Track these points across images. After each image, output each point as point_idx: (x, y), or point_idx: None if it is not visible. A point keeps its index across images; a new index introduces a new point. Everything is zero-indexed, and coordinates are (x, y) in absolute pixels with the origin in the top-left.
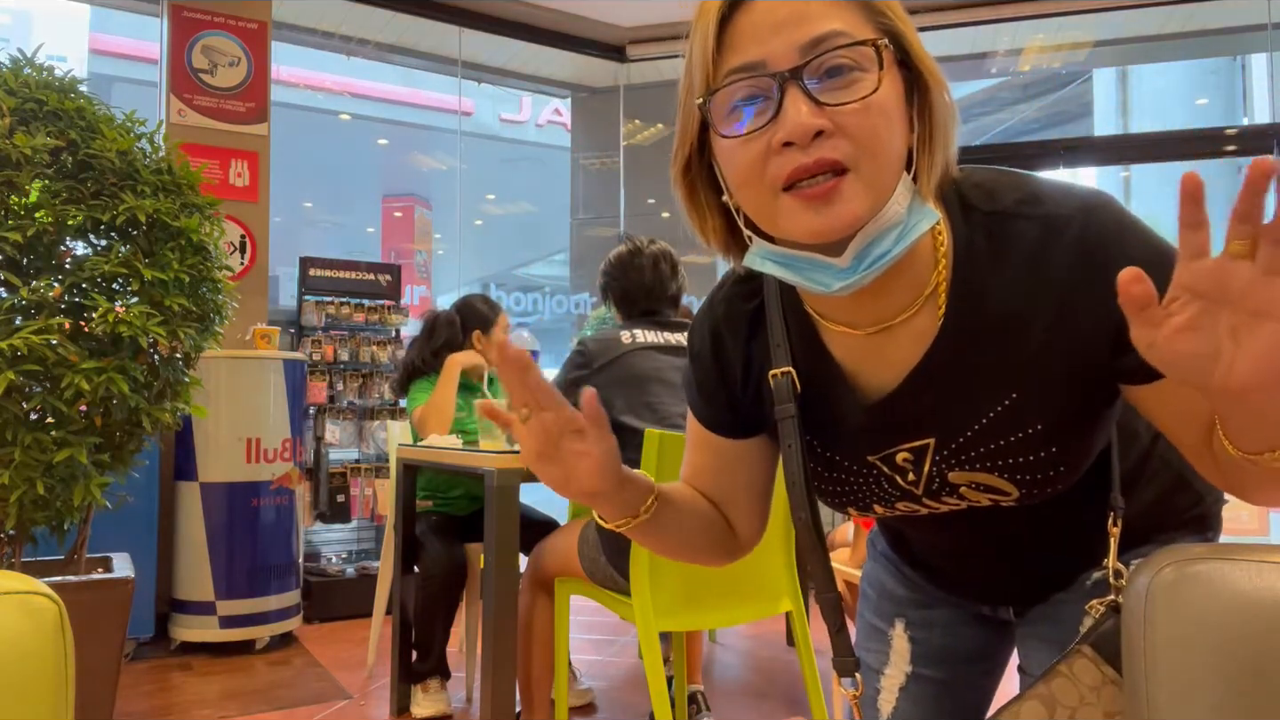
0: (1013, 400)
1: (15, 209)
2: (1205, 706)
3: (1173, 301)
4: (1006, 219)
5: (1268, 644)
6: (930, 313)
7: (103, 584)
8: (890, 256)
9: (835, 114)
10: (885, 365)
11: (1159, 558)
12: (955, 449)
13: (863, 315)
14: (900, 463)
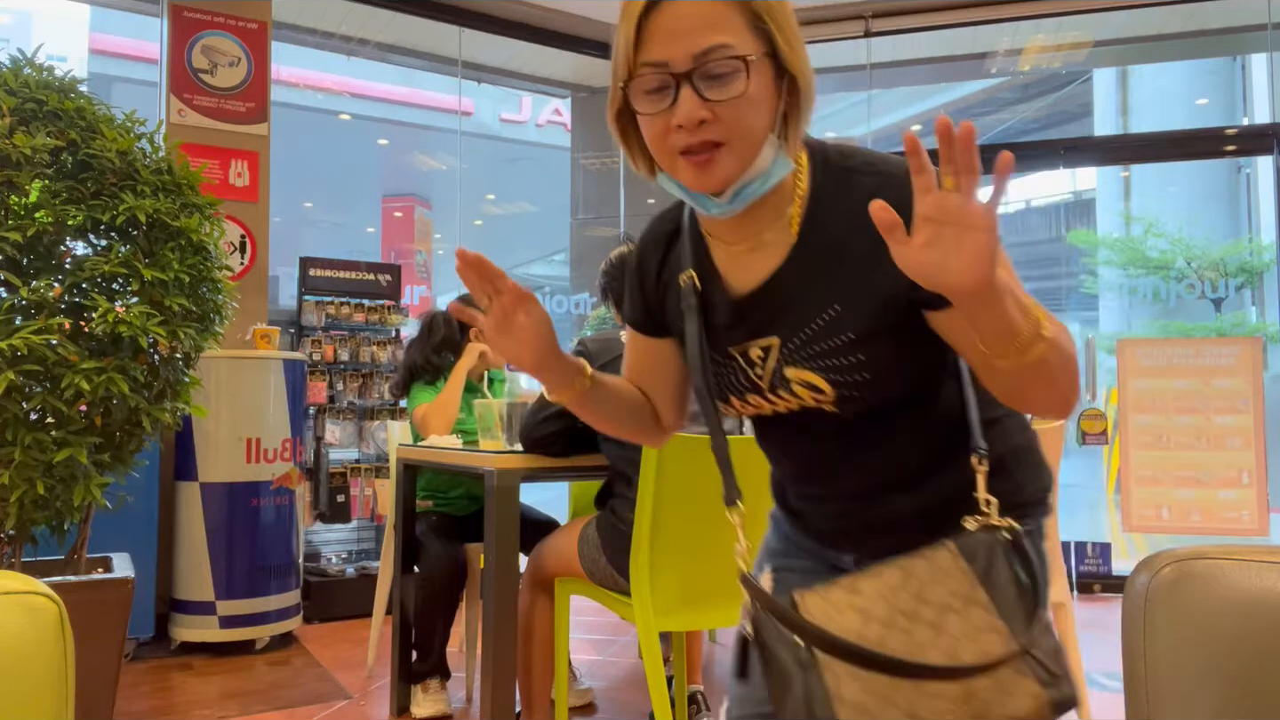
0: (836, 311)
1: (15, 209)
2: (1205, 706)
3: (917, 230)
4: (854, 172)
5: (1268, 644)
6: (786, 237)
7: (103, 584)
8: (755, 194)
9: (715, 107)
10: (751, 273)
11: (1159, 558)
12: (793, 348)
13: (739, 235)
14: (754, 357)
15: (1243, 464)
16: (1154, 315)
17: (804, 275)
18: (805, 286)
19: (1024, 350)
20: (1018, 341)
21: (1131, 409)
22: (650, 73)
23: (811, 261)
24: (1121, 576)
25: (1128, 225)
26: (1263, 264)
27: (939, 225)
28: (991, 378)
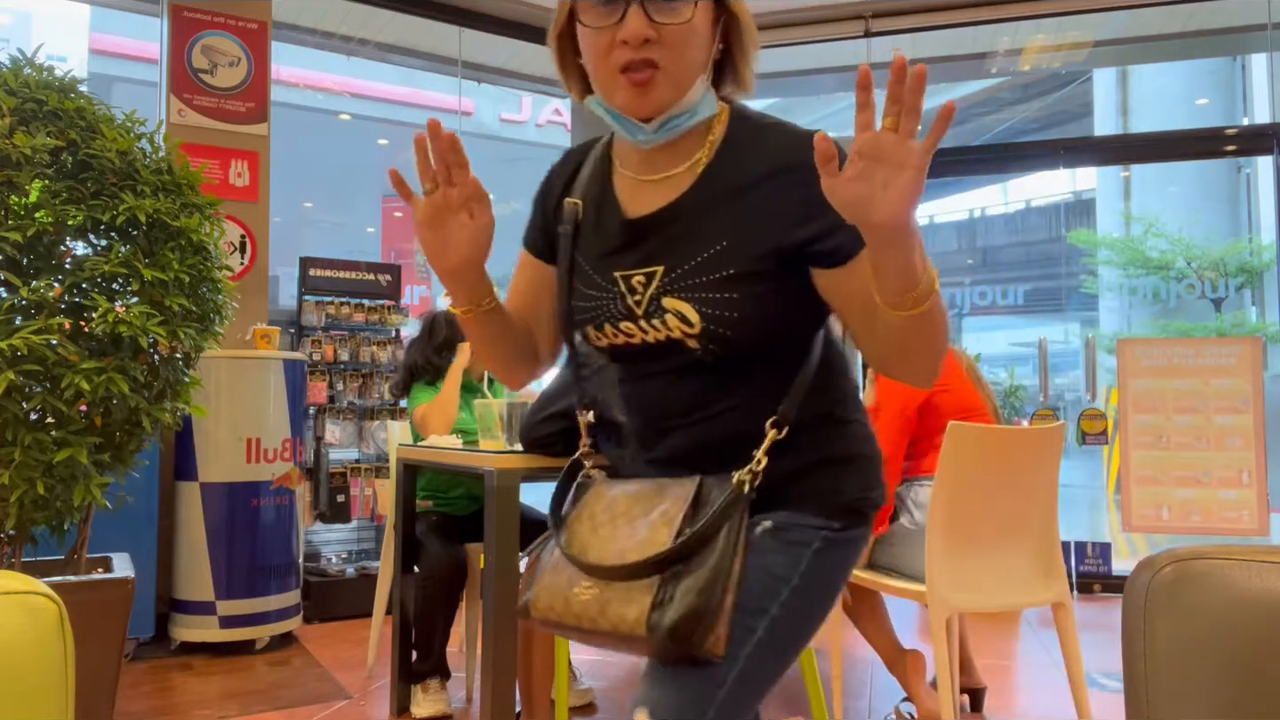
0: (722, 247)
1: (15, 209)
2: (1205, 706)
3: (850, 164)
4: (768, 129)
5: (1268, 644)
6: (690, 176)
7: (103, 584)
8: (680, 127)
9: (660, 29)
10: (649, 202)
11: (1159, 558)
12: (674, 278)
13: (648, 167)
14: (635, 283)
15: (1243, 464)
16: (1154, 315)
17: (699, 209)
18: (698, 220)
19: (920, 300)
20: (917, 291)
21: (1131, 409)
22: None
23: (709, 198)
24: (1121, 576)
25: (1128, 225)
26: (1263, 264)
27: (872, 161)
28: (872, 338)
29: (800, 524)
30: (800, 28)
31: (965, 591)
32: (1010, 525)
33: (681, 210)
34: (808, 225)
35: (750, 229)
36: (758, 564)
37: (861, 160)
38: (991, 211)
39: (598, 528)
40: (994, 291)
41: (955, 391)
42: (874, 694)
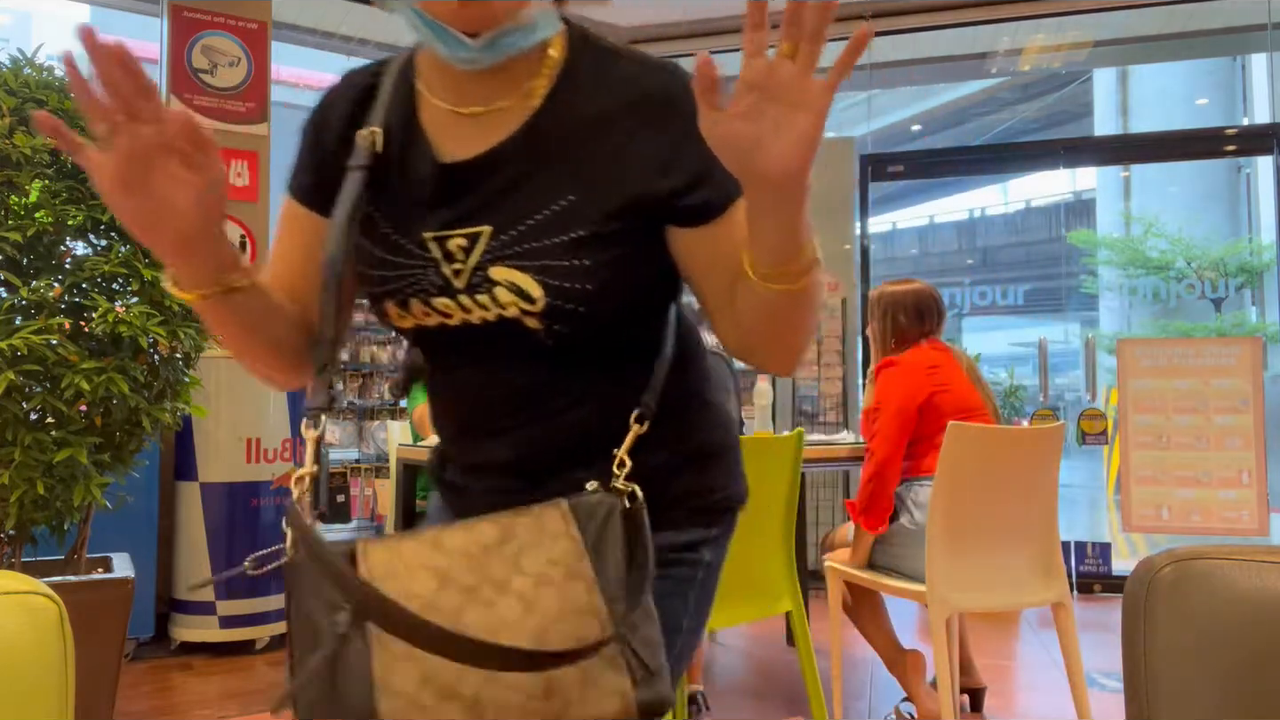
0: (569, 202)
1: (15, 209)
2: (1205, 706)
3: (736, 97)
4: (617, 56)
5: (1268, 644)
6: (522, 110)
7: (103, 584)
8: (515, 47)
9: None
10: (470, 143)
11: (1159, 558)
12: (506, 240)
13: (465, 95)
14: (453, 248)
15: (1243, 464)
16: (1154, 315)
17: (537, 153)
18: (537, 167)
19: (802, 273)
20: (800, 261)
21: (1131, 409)
22: None
23: (550, 139)
24: (1121, 576)
25: (1128, 225)
26: (1263, 264)
27: (764, 96)
28: (730, 313)
29: (682, 552)
30: None
31: (965, 591)
32: (1010, 525)
33: (514, 154)
34: (674, 174)
35: (603, 178)
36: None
37: (750, 94)
38: (991, 211)
39: (465, 608)
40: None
41: (955, 391)
42: (874, 694)
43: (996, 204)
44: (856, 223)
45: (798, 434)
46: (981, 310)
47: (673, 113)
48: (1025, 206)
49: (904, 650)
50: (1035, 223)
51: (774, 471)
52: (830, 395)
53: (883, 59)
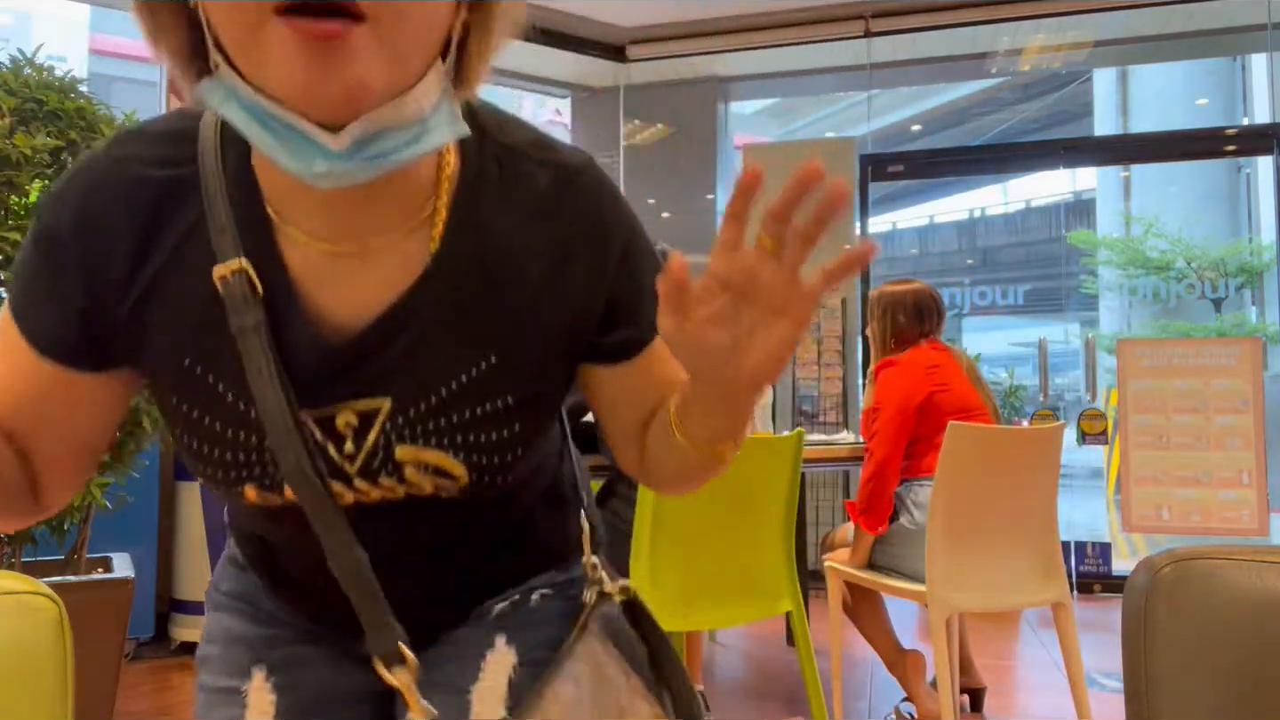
0: (491, 364)
1: (15, 209)
2: (1205, 706)
3: (703, 291)
4: (520, 156)
5: (1267, 644)
6: (420, 241)
7: (103, 584)
8: (398, 158)
9: None
10: (350, 295)
11: (1159, 558)
12: (413, 416)
13: (338, 226)
14: (340, 428)
15: (1243, 464)
16: (1154, 315)
17: (443, 308)
18: (447, 324)
19: (735, 445)
20: (736, 438)
21: (1131, 409)
22: None
23: (460, 285)
24: (1121, 576)
25: (1128, 225)
26: (1263, 264)
27: (741, 298)
28: (637, 449)
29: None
30: (800, 28)
31: (965, 591)
32: (1010, 525)
33: (420, 309)
34: (598, 309)
35: (524, 330)
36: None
37: (724, 293)
38: (991, 211)
39: None
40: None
41: (955, 391)
42: (874, 694)
43: (996, 204)
44: (856, 223)
45: (798, 434)
46: (981, 310)
47: (597, 234)
48: (1025, 206)
49: (904, 650)
50: (1035, 223)
51: (774, 471)
52: (830, 395)
53: (883, 59)
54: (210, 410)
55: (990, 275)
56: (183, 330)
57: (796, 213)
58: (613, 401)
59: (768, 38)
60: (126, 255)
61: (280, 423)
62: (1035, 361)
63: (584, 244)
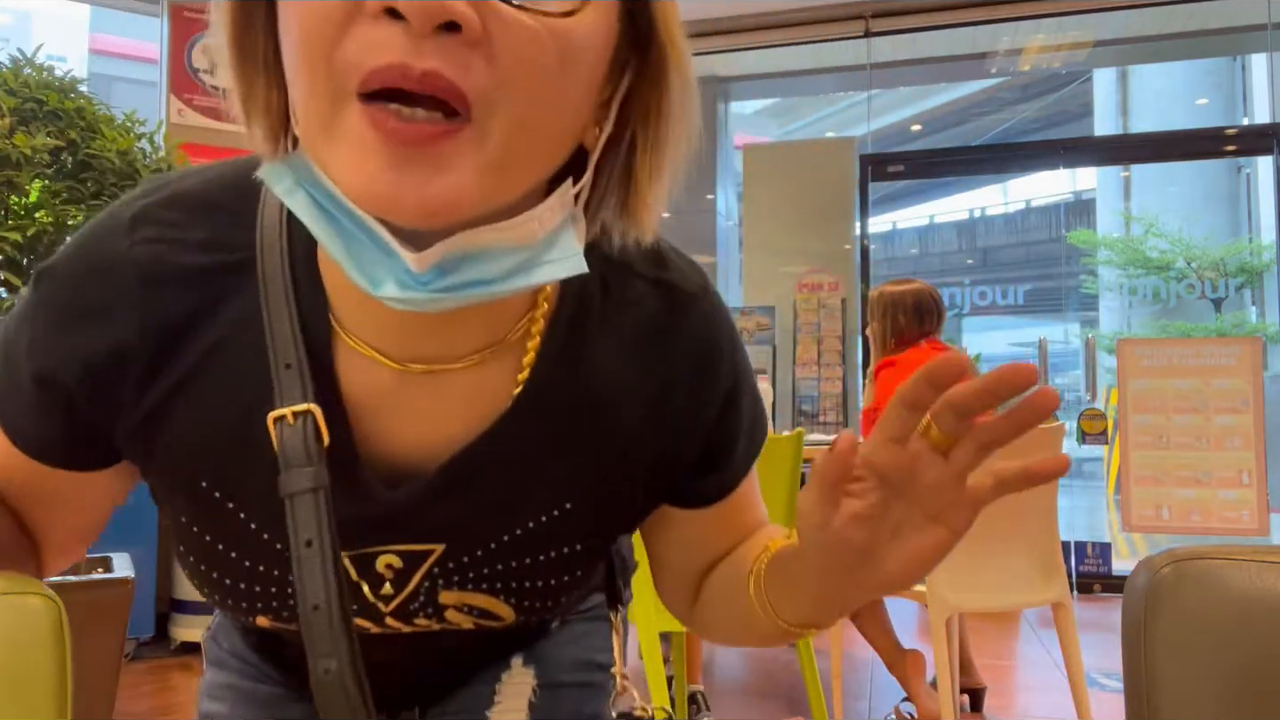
0: (564, 511)
1: (15, 209)
2: (1205, 706)
3: (855, 480)
4: (629, 275)
5: (1268, 644)
6: (505, 368)
7: (103, 584)
8: (490, 292)
9: (494, 17)
10: (419, 428)
11: (1159, 558)
12: (466, 563)
13: (410, 345)
14: (380, 569)
15: (1243, 464)
16: (1154, 315)
17: (527, 451)
18: (526, 469)
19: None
20: (826, 624)
21: (1131, 409)
22: None
23: (546, 427)
24: (1121, 576)
25: (1128, 225)
26: (1263, 264)
27: (895, 494)
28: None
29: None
30: (800, 28)
31: (965, 591)
32: (1010, 525)
33: (499, 451)
34: (693, 451)
35: (614, 476)
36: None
37: (879, 489)
38: (991, 211)
39: None
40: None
41: None
42: (874, 694)
43: (996, 204)
44: (856, 223)
45: (798, 434)
46: (981, 310)
47: (706, 372)
48: (1025, 206)
49: (904, 650)
50: (1035, 223)
51: (774, 471)
52: (830, 395)
53: (883, 59)
54: (229, 539)
55: (990, 275)
56: (204, 451)
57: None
58: (678, 543)
59: (768, 38)
60: (142, 361)
61: (327, 613)
62: (1035, 361)
63: (690, 381)
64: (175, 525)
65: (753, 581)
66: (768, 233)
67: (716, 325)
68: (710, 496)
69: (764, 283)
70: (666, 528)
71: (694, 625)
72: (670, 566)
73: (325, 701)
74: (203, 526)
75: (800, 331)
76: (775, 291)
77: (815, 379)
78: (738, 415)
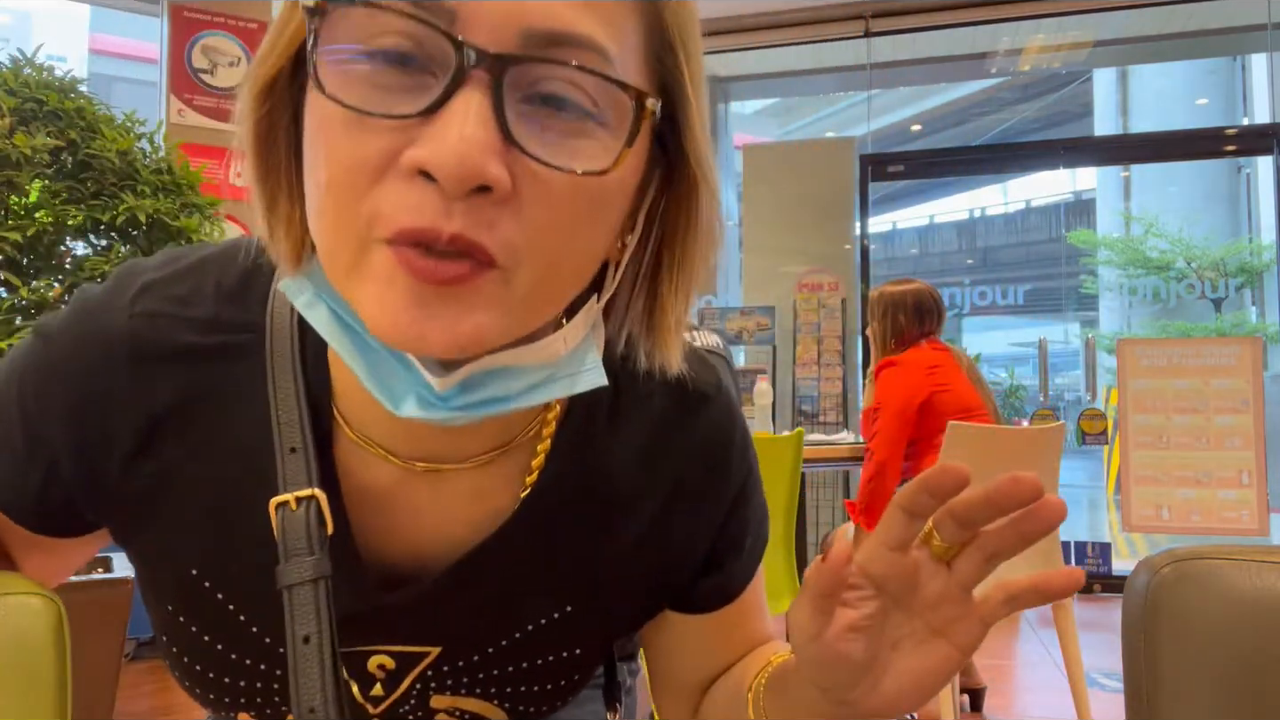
0: (566, 614)
1: (15, 209)
2: (1205, 706)
3: (851, 589)
4: (635, 371)
5: (1268, 644)
6: (511, 469)
7: (103, 584)
8: (510, 407)
9: (525, 173)
10: (420, 528)
11: (1159, 558)
12: (462, 667)
13: (416, 446)
14: (371, 669)
15: (1243, 464)
16: (1154, 315)
17: (532, 555)
18: (529, 574)
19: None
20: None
21: (1131, 409)
22: (400, 8)
23: (552, 532)
24: (1121, 576)
25: (1128, 225)
26: (1263, 264)
27: (896, 606)
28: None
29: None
30: (800, 28)
31: None
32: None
33: (492, 559)
34: (697, 559)
35: (611, 582)
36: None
37: (877, 597)
38: (991, 211)
39: None
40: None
41: (955, 391)
42: None
43: (996, 204)
44: (856, 223)
45: (798, 434)
46: (981, 310)
47: (716, 476)
48: (1025, 206)
49: None
50: (1035, 223)
51: (774, 471)
52: (830, 395)
53: (883, 59)
54: (216, 630)
55: (990, 275)
56: (192, 536)
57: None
58: (678, 652)
59: (768, 38)
60: (128, 439)
61: (324, 686)
62: (1035, 361)
63: (698, 484)
64: (161, 617)
65: (752, 699)
66: (768, 233)
67: (729, 425)
68: (713, 602)
69: (764, 283)
70: (667, 635)
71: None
72: (669, 678)
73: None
74: (190, 618)
75: (800, 331)
76: (775, 291)
77: (815, 379)
78: (746, 517)
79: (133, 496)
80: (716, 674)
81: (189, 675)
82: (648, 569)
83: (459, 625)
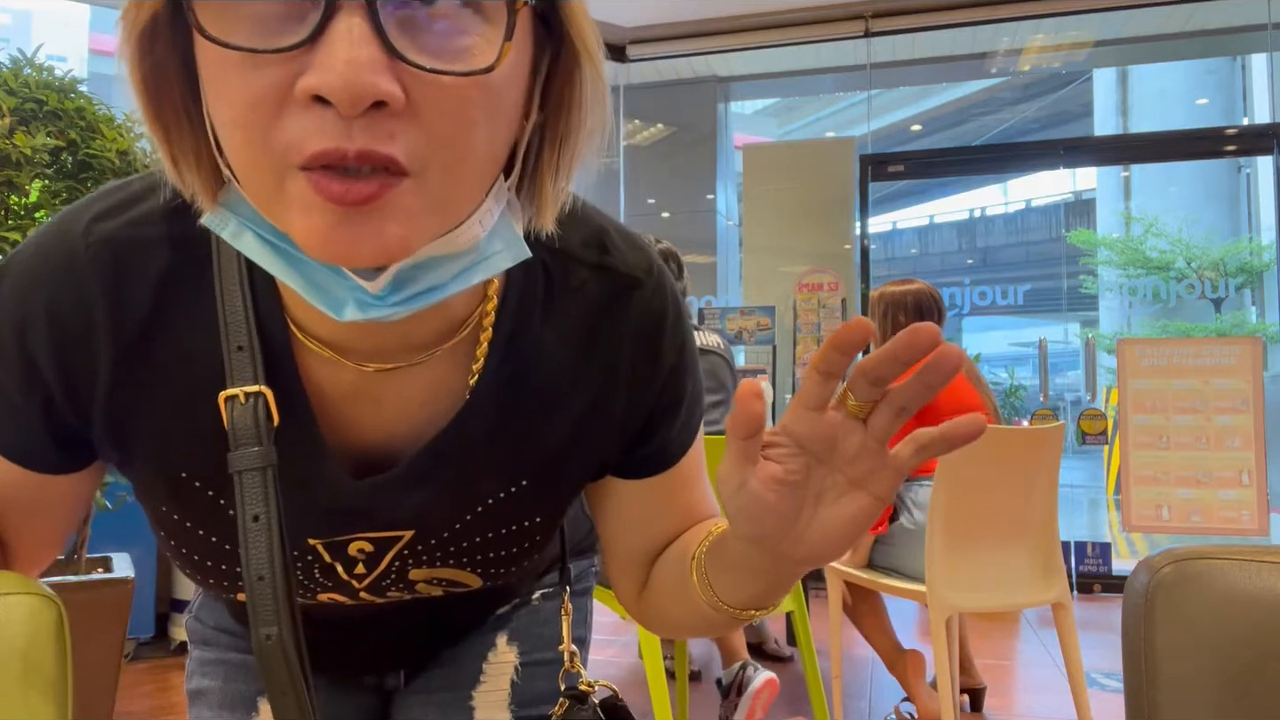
0: (521, 488)
1: (15, 209)
2: (1205, 706)
3: (773, 446)
4: (570, 262)
5: (1268, 644)
6: (459, 361)
7: (103, 584)
8: (444, 294)
9: (416, 81)
10: (381, 423)
11: (1159, 558)
12: (434, 544)
13: (367, 346)
14: (352, 553)
15: (1243, 464)
16: (1154, 315)
17: (486, 441)
18: (486, 457)
19: (762, 611)
20: (769, 606)
21: (1131, 409)
22: None
23: (502, 418)
24: (1121, 576)
25: (1128, 225)
26: (1263, 264)
27: (814, 460)
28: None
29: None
30: (800, 28)
31: (965, 591)
32: (1010, 525)
33: (449, 446)
34: (638, 424)
35: (564, 453)
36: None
37: (800, 454)
38: (991, 211)
39: None
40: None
41: (955, 391)
42: (874, 694)
43: (996, 204)
44: (856, 223)
45: None
46: (981, 310)
47: (650, 352)
48: (1025, 206)
49: (904, 650)
50: (1035, 223)
51: None
52: None
53: (883, 59)
54: (210, 524)
55: (990, 275)
56: (178, 441)
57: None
58: (623, 520)
59: (768, 38)
60: (110, 357)
61: (269, 581)
62: (1035, 361)
63: (634, 365)
64: (160, 519)
65: (695, 565)
66: (768, 233)
67: (660, 306)
68: (653, 466)
69: (764, 283)
70: (614, 502)
71: (643, 615)
72: (618, 548)
73: (265, 667)
74: (185, 515)
75: (800, 331)
76: (775, 291)
77: None
78: (681, 390)
79: (117, 416)
80: (662, 544)
81: (189, 564)
82: (591, 442)
83: (426, 510)
